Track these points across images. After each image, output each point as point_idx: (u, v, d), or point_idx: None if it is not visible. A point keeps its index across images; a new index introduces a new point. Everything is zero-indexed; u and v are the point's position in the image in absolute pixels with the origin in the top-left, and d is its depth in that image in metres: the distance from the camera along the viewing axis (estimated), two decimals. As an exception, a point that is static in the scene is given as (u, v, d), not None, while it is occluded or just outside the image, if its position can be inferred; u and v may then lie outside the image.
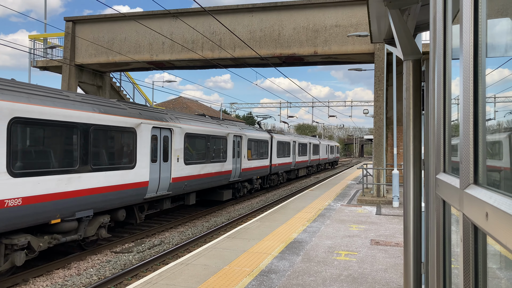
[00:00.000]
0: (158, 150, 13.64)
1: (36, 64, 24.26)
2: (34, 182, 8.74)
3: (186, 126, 15.52)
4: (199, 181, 16.43)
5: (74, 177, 9.89)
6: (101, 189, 10.82)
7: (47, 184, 9.06)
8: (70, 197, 9.75)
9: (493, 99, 1.26)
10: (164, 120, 14.14)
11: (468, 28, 1.21)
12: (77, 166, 9.99)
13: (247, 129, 23.17)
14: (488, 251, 1.20)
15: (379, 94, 18.84)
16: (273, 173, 26.96)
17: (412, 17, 3.70)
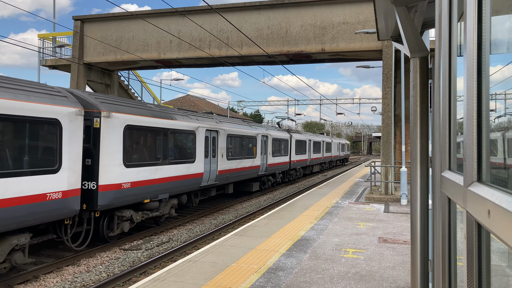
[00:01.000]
0: (209, 147, 16.91)
1: (45, 63, 24.47)
2: (137, 171, 12.03)
3: (228, 128, 18.78)
4: (236, 174, 19.83)
5: (159, 168, 13.16)
6: (174, 177, 14.12)
7: (144, 173, 12.35)
8: (156, 183, 13.00)
9: (498, 97, 1.26)
10: (213, 123, 17.58)
11: (471, 26, 1.22)
12: (160, 160, 13.28)
13: (271, 129, 26.57)
14: (492, 248, 1.20)
15: (387, 91, 18.75)
16: (292, 168, 30.00)
17: (419, 14, 3.69)
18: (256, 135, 22.45)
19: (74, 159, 9.70)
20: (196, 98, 55.78)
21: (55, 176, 9.24)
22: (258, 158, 22.69)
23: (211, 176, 16.92)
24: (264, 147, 23.77)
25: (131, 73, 28.64)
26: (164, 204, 13.68)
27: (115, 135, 11.13)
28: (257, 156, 22.51)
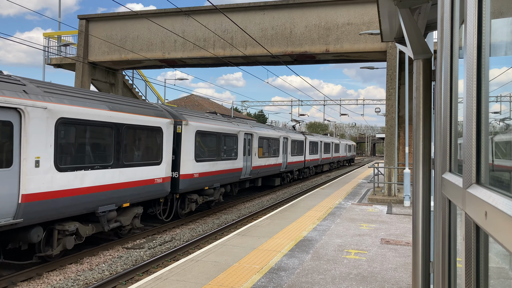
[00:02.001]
0: (246, 147, 20.29)
1: (50, 62, 24.59)
2: (202, 165, 15.71)
3: (259, 132, 22.29)
4: (264, 170, 23.24)
5: (216, 163, 16.94)
6: (224, 171, 17.82)
7: (206, 166, 16.08)
8: (213, 175, 16.72)
9: (497, 99, 1.27)
10: (249, 128, 21.00)
11: (472, 29, 1.23)
12: (216, 157, 16.99)
13: (290, 132, 29.98)
14: (490, 249, 1.21)
15: (391, 92, 18.72)
16: (306, 167, 33.74)
17: (422, 16, 3.69)
18: (279, 137, 25.89)
19: (168, 155, 13.52)
20: (200, 97, 55.88)
21: (159, 167, 13.03)
22: (280, 157, 26.26)
23: (247, 171, 20.63)
24: (285, 148, 27.27)
25: (136, 73, 28.73)
26: (216, 191, 17.45)
27: (190, 138, 14.84)
28: (280, 155, 26.09)
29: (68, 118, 9.54)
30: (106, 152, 10.78)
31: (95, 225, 10.65)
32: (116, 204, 11.14)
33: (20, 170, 8.34)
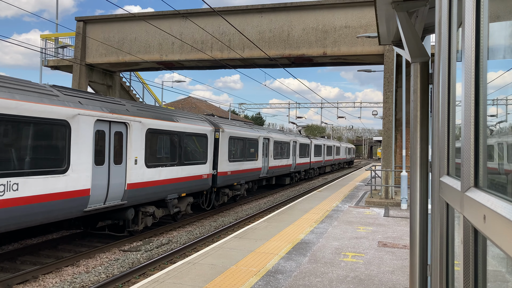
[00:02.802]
0: (264, 150, 23.42)
1: (47, 64, 24.53)
2: (233, 164, 18.76)
3: (274, 136, 25.67)
4: (278, 170, 26.47)
5: (242, 163, 19.95)
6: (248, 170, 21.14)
7: (236, 165, 19.14)
8: (241, 173, 19.93)
9: (495, 102, 1.27)
10: (266, 133, 24.18)
11: (470, 32, 1.23)
12: (243, 158, 20.12)
13: (299, 136, 33.54)
14: (489, 253, 1.21)
15: (388, 95, 18.76)
16: (311, 168, 37.19)
17: (420, 20, 3.70)
18: (290, 141, 29.11)
19: (211, 156, 16.88)
20: (198, 100, 55.85)
21: (205, 165, 16.41)
22: (291, 159, 29.47)
23: (265, 170, 23.84)
24: (294, 151, 30.43)
25: (133, 75, 28.69)
26: (242, 187, 20.40)
27: (225, 142, 18.04)
28: (290, 157, 29.34)
29: (153, 129, 13.05)
30: (173, 153, 14.34)
31: (163, 209, 13.93)
32: (178, 194, 14.58)
33: (126, 166, 11.85)
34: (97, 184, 10.72)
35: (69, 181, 9.82)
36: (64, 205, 9.71)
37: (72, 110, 9.98)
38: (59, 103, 9.68)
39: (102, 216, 12.04)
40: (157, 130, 13.35)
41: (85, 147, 10.34)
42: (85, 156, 10.32)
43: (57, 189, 9.50)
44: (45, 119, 9.20)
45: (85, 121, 10.32)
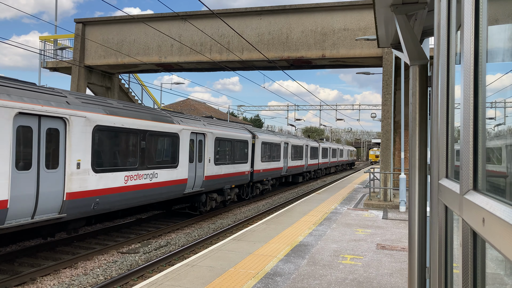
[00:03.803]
0: (284, 152, 28.33)
1: (46, 65, 24.51)
2: (264, 163, 23.25)
3: (292, 141, 30.45)
4: (294, 169, 31.58)
5: (269, 163, 24.30)
6: (273, 168, 25.51)
7: (266, 165, 23.61)
8: (269, 170, 24.38)
9: (494, 105, 1.28)
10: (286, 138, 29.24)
11: (469, 35, 1.23)
12: (270, 159, 24.70)
13: (310, 140, 38.57)
14: (488, 256, 1.21)
15: (387, 98, 18.79)
16: (319, 168, 42.36)
17: (419, 22, 3.71)
18: (303, 145, 34.08)
19: (250, 157, 21.68)
20: (196, 102, 55.86)
21: (246, 164, 21.24)
22: (303, 160, 34.35)
23: (285, 170, 28.58)
24: (306, 153, 35.13)
25: (132, 77, 28.68)
26: (269, 182, 25.14)
27: (258, 146, 22.92)
28: (303, 159, 34.10)
29: (219, 137, 17.93)
30: (229, 154, 19.07)
31: (221, 196, 18.46)
32: (230, 185, 19.09)
33: (204, 164, 16.57)
34: (192, 175, 15.76)
35: (178, 173, 14.62)
36: (176, 188, 14.57)
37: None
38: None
39: (185, 200, 16.62)
40: (221, 138, 18.15)
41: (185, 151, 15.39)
42: (184, 157, 15.12)
43: (173, 177, 14.28)
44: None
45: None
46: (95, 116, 10.58)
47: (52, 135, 9.58)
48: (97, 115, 10.66)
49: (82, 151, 10.28)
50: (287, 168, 29.15)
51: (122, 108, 12.06)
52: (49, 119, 9.45)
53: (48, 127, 9.48)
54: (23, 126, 8.88)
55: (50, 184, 9.50)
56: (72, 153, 9.98)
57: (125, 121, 11.87)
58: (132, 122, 12.17)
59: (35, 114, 9.04)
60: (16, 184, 8.69)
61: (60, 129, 9.80)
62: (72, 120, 9.96)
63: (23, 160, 8.92)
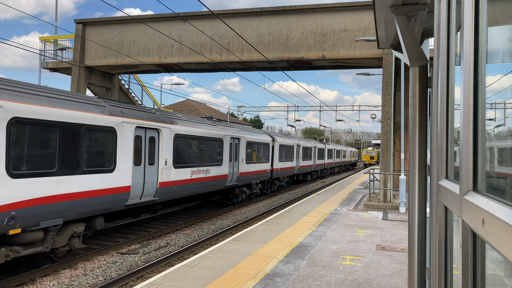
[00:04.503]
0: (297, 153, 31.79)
1: (46, 66, 24.51)
2: (281, 164, 27.45)
3: (303, 143, 34.13)
4: (305, 169, 35.09)
5: (285, 163, 28.12)
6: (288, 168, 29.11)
7: (282, 164, 27.68)
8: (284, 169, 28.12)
9: (494, 106, 1.27)
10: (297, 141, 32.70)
11: (468, 36, 1.23)
12: (285, 159, 28.21)
13: (317, 143, 42.58)
14: (487, 257, 1.21)
15: (386, 99, 18.79)
16: (325, 168, 46.22)
17: (419, 23, 3.71)
18: (312, 146, 37.98)
19: (271, 157, 24.89)
20: (196, 102, 55.86)
21: (268, 164, 24.39)
22: (312, 160, 38.09)
23: (297, 169, 32.27)
24: (314, 154, 38.98)
25: (132, 77, 28.69)
26: (284, 180, 28.91)
27: (277, 148, 26.40)
28: (312, 159, 37.98)
29: (250, 142, 21.75)
30: (256, 155, 22.86)
31: (249, 190, 21.99)
32: (256, 181, 22.84)
33: (238, 162, 20.14)
34: (231, 171, 19.46)
35: (222, 170, 18.47)
36: (220, 181, 18.31)
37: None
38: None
39: (221, 192, 20.22)
40: (250, 142, 22.02)
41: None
42: (226, 157, 18.89)
43: (219, 173, 18.04)
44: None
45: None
46: (174, 127, 14.52)
47: (152, 141, 13.23)
48: (176, 126, 14.61)
49: (168, 152, 14.03)
50: (298, 167, 32.80)
51: (187, 120, 15.99)
52: (150, 130, 13.13)
53: (150, 135, 13.13)
54: (137, 135, 12.45)
55: (150, 176, 13.03)
56: (162, 154, 13.67)
57: (192, 130, 15.80)
58: (195, 130, 16.07)
59: (143, 127, 12.70)
60: (134, 175, 12.16)
61: (156, 137, 13.46)
62: (162, 130, 13.70)
63: (137, 159, 12.37)
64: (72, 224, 10.11)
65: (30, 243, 8.99)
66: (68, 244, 10.17)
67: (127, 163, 11.82)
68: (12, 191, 8.26)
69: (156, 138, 13.46)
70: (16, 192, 8.35)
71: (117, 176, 11.41)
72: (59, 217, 9.41)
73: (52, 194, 9.23)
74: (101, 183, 10.78)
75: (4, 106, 8.05)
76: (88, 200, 10.31)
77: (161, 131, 13.52)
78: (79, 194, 10.05)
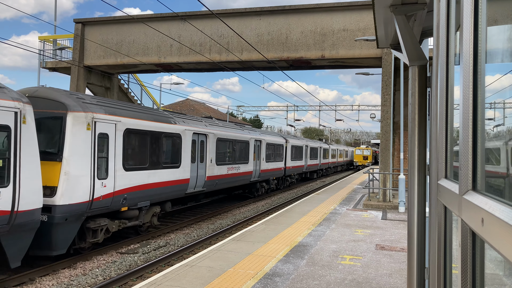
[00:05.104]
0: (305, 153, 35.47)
1: (45, 65, 24.50)
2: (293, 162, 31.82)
3: (310, 144, 37.98)
4: (312, 167, 38.96)
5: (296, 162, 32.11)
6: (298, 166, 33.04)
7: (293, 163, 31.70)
8: (295, 168, 32.17)
9: (494, 106, 1.28)
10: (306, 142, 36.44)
11: (468, 36, 1.23)
12: (296, 159, 32.37)
13: (322, 143, 46.62)
14: (487, 256, 1.21)
15: (386, 98, 18.80)
16: (329, 166, 50.70)
17: (418, 23, 3.72)
18: (318, 147, 41.80)
19: (284, 157, 28.98)
20: (196, 102, 55.83)
21: (282, 162, 28.46)
22: (318, 160, 42.17)
23: (305, 167, 35.89)
24: (320, 154, 43.11)
25: (131, 77, 28.67)
26: (294, 177, 32.64)
27: (289, 149, 30.04)
28: (318, 158, 42.08)
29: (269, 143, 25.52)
30: (274, 154, 26.32)
31: (267, 185, 25.51)
32: (273, 177, 26.40)
33: (260, 161, 23.66)
34: (255, 169, 23.00)
35: (248, 167, 21.87)
36: (247, 177, 21.94)
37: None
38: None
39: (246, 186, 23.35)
40: (268, 143, 25.39)
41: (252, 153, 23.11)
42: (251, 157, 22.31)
43: (246, 170, 21.65)
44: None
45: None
46: (217, 132, 18.20)
47: (202, 143, 16.85)
48: (217, 132, 18.26)
49: (212, 152, 17.62)
50: (307, 166, 36.55)
51: (223, 126, 19.75)
52: (201, 135, 16.72)
53: (201, 139, 16.71)
54: (193, 139, 15.96)
55: (201, 171, 16.60)
56: (209, 154, 17.23)
57: (227, 134, 19.37)
58: (229, 134, 19.60)
59: (197, 133, 16.23)
60: (191, 170, 15.63)
61: (204, 140, 17.03)
62: (209, 135, 17.33)
63: (192, 157, 15.81)
64: (153, 206, 13.51)
65: (131, 218, 12.33)
66: (150, 222, 13.53)
67: (187, 161, 15.37)
68: (125, 180, 11.67)
69: (205, 141, 17.07)
70: (127, 181, 11.77)
71: (181, 171, 14.96)
72: (147, 200, 12.85)
73: (145, 183, 12.65)
74: (172, 176, 14.34)
75: (122, 121, 11.67)
76: (165, 188, 13.85)
77: (208, 135, 17.24)
78: (159, 184, 13.49)
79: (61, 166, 9.65)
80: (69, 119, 9.85)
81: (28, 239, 8.63)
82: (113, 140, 11.21)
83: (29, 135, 8.50)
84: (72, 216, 9.73)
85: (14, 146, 8.22)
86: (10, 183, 8.08)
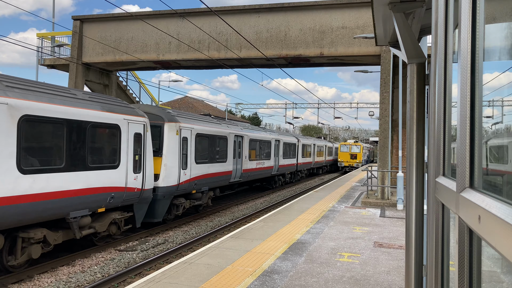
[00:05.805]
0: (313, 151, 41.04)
1: (43, 62, 24.43)
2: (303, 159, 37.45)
3: (317, 143, 43.14)
4: (319, 164, 44.34)
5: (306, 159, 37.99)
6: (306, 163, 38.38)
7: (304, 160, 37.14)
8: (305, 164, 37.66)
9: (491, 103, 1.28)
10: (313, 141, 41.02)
11: (466, 34, 1.23)
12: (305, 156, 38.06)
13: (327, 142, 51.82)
14: (483, 253, 1.22)
15: (384, 96, 18.81)
16: (332, 163, 54.77)
17: (417, 21, 3.72)
18: (323, 145, 46.53)
19: (297, 154, 33.92)
20: (194, 99, 55.77)
21: (294, 159, 33.11)
22: (324, 157, 47.09)
23: (313, 164, 39.72)
24: (325, 151, 47.48)
25: (130, 74, 28.62)
26: (303, 172, 36.59)
27: (301, 147, 34.98)
28: (324, 156, 46.85)
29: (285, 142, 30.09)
30: (290, 152, 31.15)
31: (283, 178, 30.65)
32: (288, 172, 30.62)
33: (278, 158, 28.05)
34: (274, 164, 26.73)
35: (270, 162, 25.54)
36: (269, 171, 25.98)
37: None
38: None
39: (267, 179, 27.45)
40: (285, 142, 29.34)
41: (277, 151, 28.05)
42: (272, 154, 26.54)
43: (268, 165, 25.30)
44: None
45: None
46: (249, 134, 22.36)
47: (240, 143, 20.79)
48: (249, 133, 22.35)
49: (246, 150, 21.69)
50: (314, 162, 40.96)
51: (252, 129, 24.42)
52: (239, 137, 20.72)
53: (239, 140, 20.72)
54: (234, 140, 19.88)
55: (239, 165, 20.59)
56: (244, 151, 21.24)
57: (256, 135, 23.64)
58: (257, 135, 23.79)
59: (237, 135, 20.27)
60: (233, 164, 19.66)
61: (241, 141, 21.04)
62: (244, 137, 21.38)
63: (233, 154, 19.75)
64: (209, 191, 17.45)
65: (196, 199, 16.26)
66: (206, 203, 17.21)
67: (231, 157, 19.48)
68: (196, 170, 15.77)
69: (241, 141, 21.11)
70: (197, 171, 15.86)
71: (228, 164, 19.10)
72: (207, 186, 16.87)
73: (207, 173, 16.75)
74: (222, 168, 18.53)
75: (195, 128, 15.97)
76: (217, 177, 17.94)
77: (243, 137, 21.41)
78: (214, 174, 17.54)
79: (162, 160, 13.49)
80: (165, 127, 13.82)
81: (145, 208, 12.80)
82: (190, 141, 15.23)
83: (149, 139, 12.64)
84: (167, 194, 13.63)
85: (143, 146, 12.38)
86: (141, 171, 12.26)
